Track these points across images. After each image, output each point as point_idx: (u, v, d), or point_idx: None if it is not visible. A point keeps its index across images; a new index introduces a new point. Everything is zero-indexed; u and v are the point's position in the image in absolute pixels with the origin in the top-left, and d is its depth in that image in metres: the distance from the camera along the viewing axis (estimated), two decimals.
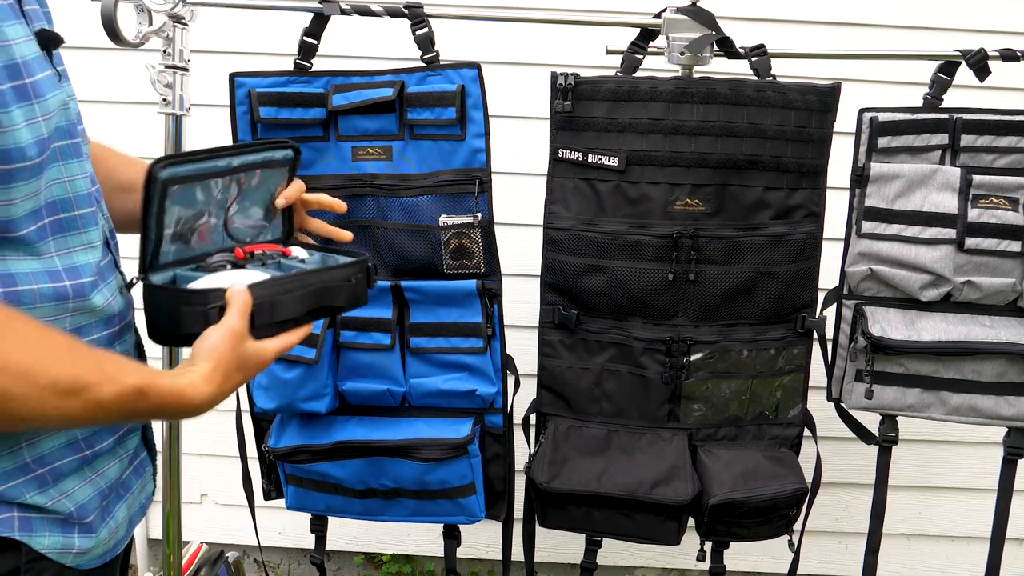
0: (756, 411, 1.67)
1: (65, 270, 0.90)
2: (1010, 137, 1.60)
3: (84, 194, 0.94)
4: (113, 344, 0.98)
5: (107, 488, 0.96)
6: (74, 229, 0.92)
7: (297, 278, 1.07)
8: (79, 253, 0.92)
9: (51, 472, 0.88)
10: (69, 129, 0.92)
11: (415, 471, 1.59)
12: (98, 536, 0.94)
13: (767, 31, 2.13)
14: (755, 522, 1.60)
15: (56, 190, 0.90)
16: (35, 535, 0.87)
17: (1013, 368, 1.60)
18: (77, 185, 0.92)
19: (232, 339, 0.94)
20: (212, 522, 2.50)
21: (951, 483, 2.44)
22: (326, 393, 1.62)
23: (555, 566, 2.54)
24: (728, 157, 1.55)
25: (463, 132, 1.54)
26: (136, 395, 0.84)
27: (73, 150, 0.93)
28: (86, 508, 0.92)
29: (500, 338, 1.63)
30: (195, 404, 0.90)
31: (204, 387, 0.90)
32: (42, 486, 0.87)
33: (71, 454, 0.91)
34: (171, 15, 1.53)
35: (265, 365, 1.00)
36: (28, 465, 0.86)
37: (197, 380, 0.90)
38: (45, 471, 0.88)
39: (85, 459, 0.93)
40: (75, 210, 0.92)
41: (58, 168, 0.90)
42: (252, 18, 2.18)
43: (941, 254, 1.60)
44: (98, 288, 0.94)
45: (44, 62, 0.88)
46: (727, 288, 1.60)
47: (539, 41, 2.18)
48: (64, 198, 0.91)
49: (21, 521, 0.86)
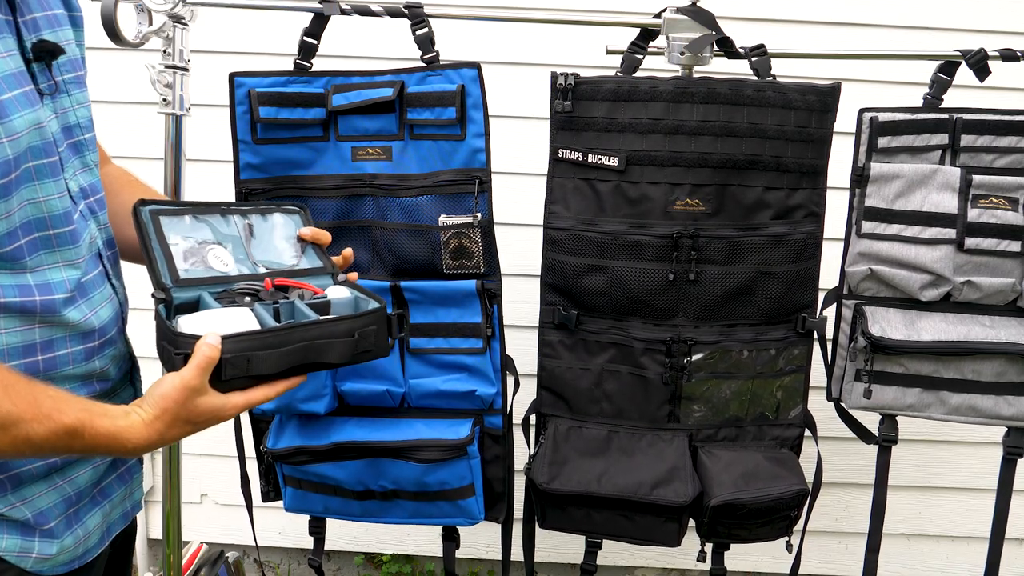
0: (756, 412, 1.67)
1: (37, 286, 0.89)
2: (1010, 137, 1.60)
3: (60, 213, 0.92)
4: (92, 358, 0.97)
5: (75, 495, 0.94)
6: (48, 247, 0.91)
7: (283, 333, 1.02)
8: (53, 270, 0.91)
9: (9, 479, 0.87)
10: (45, 148, 0.90)
11: (414, 472, 1.59)
12: (62, 543, 0.93)
13: (767, 31, 2.14)
14: (756, 523, 1.60)
15: (30, 210, 0.89)
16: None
17: (1013, 368, 1.60)
18: (52, 205, 0.91)
19: (183, 392, 0.92)
20: (212, 522, 2.50)
21: (951, 483, 2.44)
22: (325, 394, 1.62)
23: (555, 566, 2.54)
24: (728, 157, 1.55)
25: (463, 132, 1.53)
26: (69, 434, 0.83)
27: (49, 169, 0.91)
28: (46, 515, 0.90)
29: (500, 338, 1.63)
30: (130, 448, 0.89)
31: (142, 431, 0.89)
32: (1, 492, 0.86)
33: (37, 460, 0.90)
34: (171, 15, 1.52)
35: (224, 419, 0.99)
36: None
37: (136, 424, 0.89)
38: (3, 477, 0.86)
39: (54, 465, 0.91)
40: (50, 229, 0.91)
41: (32, 188, 0.89)
42: (252, 18, 2.18)
43: (941, 254, 1.60)
44: (75, 304, 0.94)
45: (21, 78, 0.87)
46: (727, 288, 1.60)
47: (539, 41, 2.18)
48: (39, 218, 0.90)
49: None
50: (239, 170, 1.60)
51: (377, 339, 1.12)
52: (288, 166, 1.61)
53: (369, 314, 1.11)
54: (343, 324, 1.07)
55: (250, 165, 1.60)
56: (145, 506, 2.50)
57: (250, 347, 0.97)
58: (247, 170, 1.61)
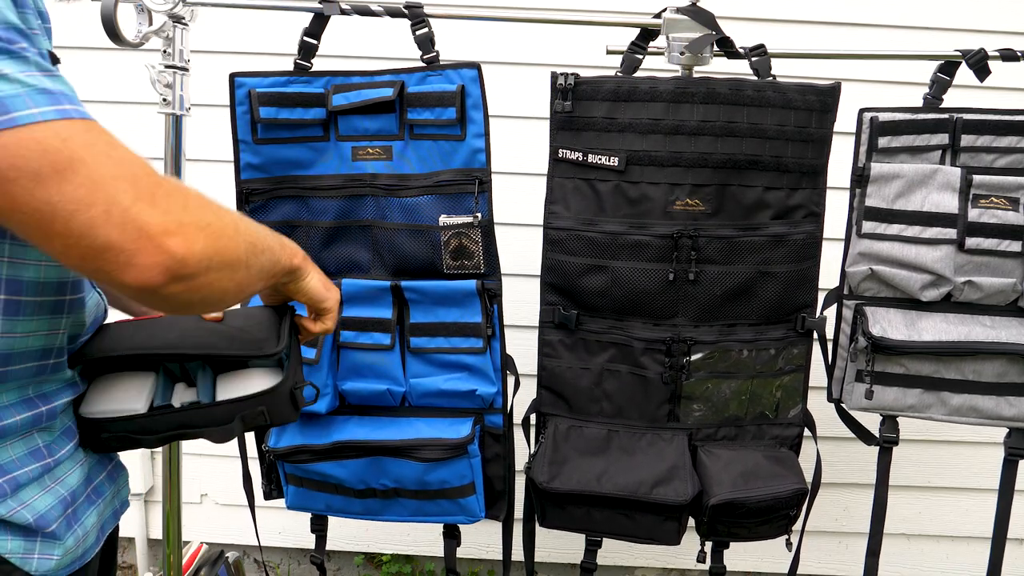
0: (756, 411, 1.67)
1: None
2: (1010, 137, 1.60)
3: None
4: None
5: (70, 495, 0.94)
6: None
7: (156, 418, 1.02)
8: None
9: (9, 482, 0.86)
10: None
11: (415, 471, 1.59)
12: (64, 544, 0.92)
13: (767, 31, 2.14)
14: (755, 522, 1.60)
15: None
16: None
17: (1014, 368, 1.60)
18: None
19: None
20: (212, 522, 2.50)
21: (951, 483, 2.44)
22: (326, 393, 1.62)
23: (555, 566, 2.54)
24: (728, 157, 1.55)
25: (463, 132, 1.53)
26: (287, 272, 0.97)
27: None
28: (47, 518, 0.89)
29: (500, 338, 1.63)
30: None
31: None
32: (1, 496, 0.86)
33: (32, 462, 0.89)
34: (171, 15, 1.53)
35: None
36: None
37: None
38: (3, 480, 0.86)
39: (47, 467, 0.91)
40: None
41: None
42: (252, 18, 2.18)
43: (941, 254, 1.60)
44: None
45: None
46: (727, 288, 1.60)
47: (539, 41, 2.18)
48: None
49: None
50: (239, 170, 1.61)
51: (272, 416, 1.06)
52: (288, 166, 1.61)
53: (254, 397, 1.04)
54: (221, 409, 1.04)
55: (250, 165, 1.60)
56: (145, 506, 2.50)
57: (127, 429, 1.01)
58: (247, 170, 1.61)
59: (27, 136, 0.67)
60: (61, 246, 0.70)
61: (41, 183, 0.67)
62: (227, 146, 1.58)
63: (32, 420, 0.89)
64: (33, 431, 0.90)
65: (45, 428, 0.91)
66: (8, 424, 0.86)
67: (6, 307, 0.84)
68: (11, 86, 0.69)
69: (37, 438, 0.90)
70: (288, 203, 1.62)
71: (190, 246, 0.73)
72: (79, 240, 0.69)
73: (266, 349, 1.04)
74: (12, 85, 0.69)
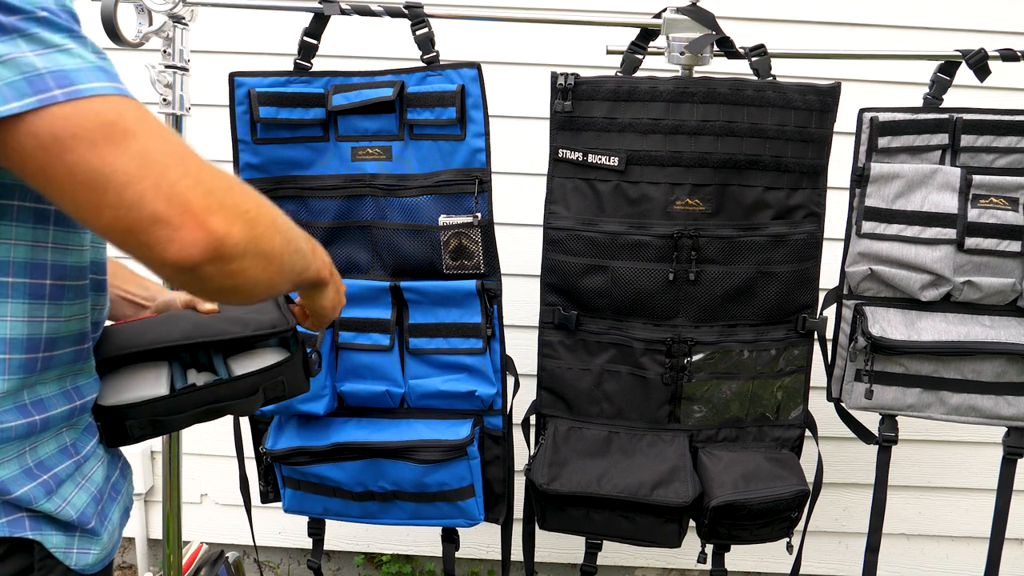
0: (757, 412, 1.67)
1: None
2: (1010, 137, 1.60)
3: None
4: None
5: (98, 492, 0.96)
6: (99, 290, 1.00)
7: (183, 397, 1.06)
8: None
9: (53, 478, 0.88)
10: None
11: (414, 473, 1.59)
12: (101, 540, 0.95)
13: (767, 31, 2.14)
14: (756, 524, 1.59)
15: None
16: (46, 534, 0.88)
17: (1013, 368, 1.60)
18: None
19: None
20: (212, 522, 2.50)
21: (951, 483, 2.44)
22: (324, 394, 1.62)
23: (555, 566, 2.54)
24: (728, 157, 1.55)
25: (463, 132, 1.53)
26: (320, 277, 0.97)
27: None
28: (86, 514, 0.92)
29: (500, 339, 1.62)
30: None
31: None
32: (48, 493, 0.87)
33: (65, 459, 0.91)
34: (171, 15, 1.52)
35: None
36: (32, 470, 0.87)
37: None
38: (47, 477, 0.88)
39: (77, 463, 0.93)
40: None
41: None
42: (252, 18, 2.18)
43: (941, 254, 1.60)
44: None
45: None
46: (728, 288, 1.60)
47: (539, 41, 2.18)
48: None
49: (32, 522, 0.86)
50: (239, 170, 1.60)
51: (289, 387, 1.14)
52: (288, 166, 1.61)
53: (275, 367, 1.11)
54: (245, 382, 1.09)
55: (250, 165, 1.60)
56: (145, 506, 2.50)
57: (154, 412, 1.03)
58: (247, 170, 1.61)
59: (87, 107, 0.70)
60: (110, 218, 0.71)
61: (98, 153, 0.70)
62: (227, 146, 1.58)
63: (68, 413, 0.91)
64: (63, 427, 0.91)
65: (72, 425, 0.93)
66: (52, 416, 0.88)
67: (52, 292, 0.86)
68: (74, 60, 0.72)
69: (65, 435, 0.92)
70: (287, 203, 1.62)
71: (230, 227, 0.74)
72: (128, 211, 0.70)
73: (280, 327, 1.12)
74: (75, 59, 0.72)
